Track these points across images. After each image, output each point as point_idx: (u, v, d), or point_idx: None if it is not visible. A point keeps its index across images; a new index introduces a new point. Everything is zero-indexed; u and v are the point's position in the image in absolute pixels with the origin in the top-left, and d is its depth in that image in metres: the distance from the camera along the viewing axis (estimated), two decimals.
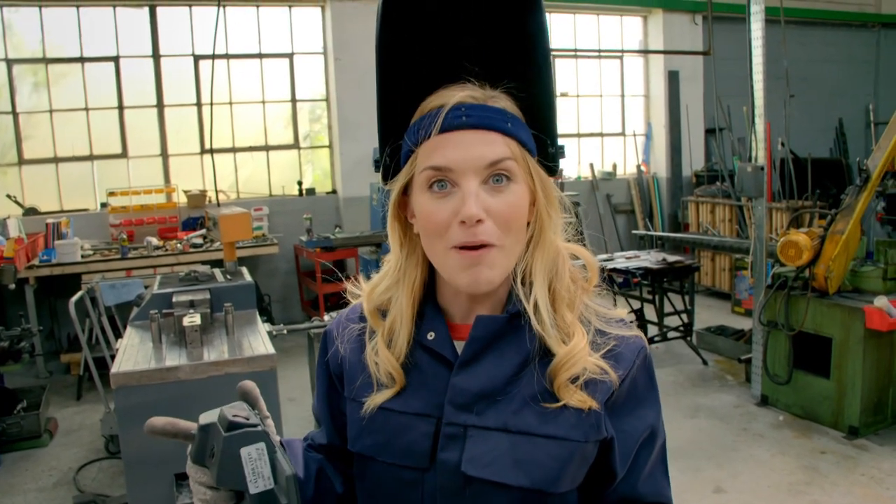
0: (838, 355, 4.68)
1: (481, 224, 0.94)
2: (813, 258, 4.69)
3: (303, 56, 8.27)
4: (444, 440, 1.00)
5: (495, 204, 0.96)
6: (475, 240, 0.94)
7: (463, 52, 1.02)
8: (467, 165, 0.95)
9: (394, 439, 1.02)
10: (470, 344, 1.02)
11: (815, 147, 9.07)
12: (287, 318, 7.81)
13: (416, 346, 1.05)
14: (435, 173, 0.97)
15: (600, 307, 1.07)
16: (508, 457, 0.96)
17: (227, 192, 8.03)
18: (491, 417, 0.98)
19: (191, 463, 0.93)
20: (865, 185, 4.67)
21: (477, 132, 0.96)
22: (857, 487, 3.99)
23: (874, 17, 11.32)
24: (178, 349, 3.28)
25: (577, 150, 9.88)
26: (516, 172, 0.97)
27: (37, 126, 7.41)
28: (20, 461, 4.71)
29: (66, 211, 7.43)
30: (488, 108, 0.97)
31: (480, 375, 1.00)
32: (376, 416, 1.04)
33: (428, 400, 1.02)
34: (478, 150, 0.95)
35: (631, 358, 1.03)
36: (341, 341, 1.14)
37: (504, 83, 1.01)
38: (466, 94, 0.98)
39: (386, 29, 1.03)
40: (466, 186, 0.95)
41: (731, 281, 8.05)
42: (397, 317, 1.06)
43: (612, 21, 9.81)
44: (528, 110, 1.03)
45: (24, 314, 5.85)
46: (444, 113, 0.97)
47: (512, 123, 0.98)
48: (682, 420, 5.03)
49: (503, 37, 1.03)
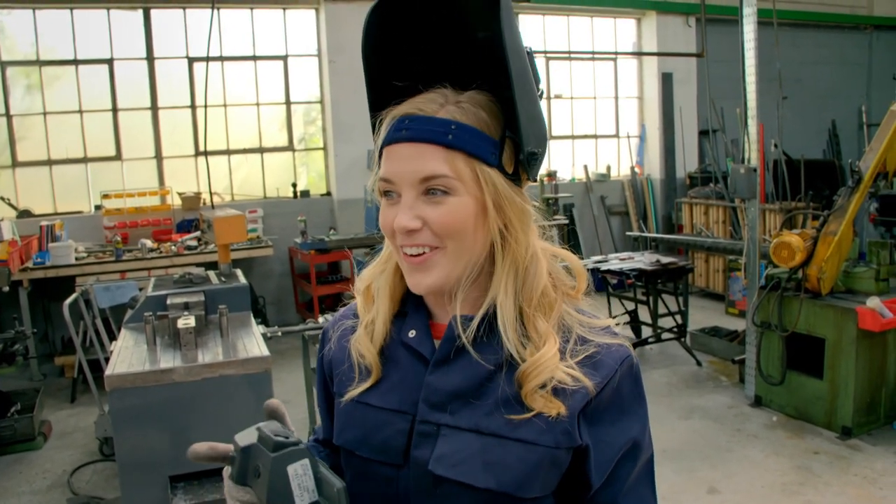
0: (831, 356, 4.70)
1: (416, 232, 0.98)
2: (806, 259, 4.71)
3: (297, 58, 8.27)
4: (418, 438, 1.01)
5: (432, 214, 0.98)
6: (412, 244, 0.99)
7: (436, 58, 1.04)
8: (403, 179, 0.99)
9: (371, 434, 1.04)
10: (444, 343, 1.03)
11: (807, 149, 9.12)
12: (282, 320, 7.80)
13: (398, 343, 1.07)
14: (383, 184, 1.01)
15: (585, 315, 1.06)
16: (478, 458, 0.97)
17: (222, 195, 8.03)
18: (464, 418, 0.99)
19: (233, 483, 0.96)
20: (858, 186, 4.69)
21: (414, 145, 0.98)
22: (850, 487, 4.01)
23: (866, 19, 11.36)
24: (172, 351, 3.28)
25: (572, 152, 9.90)
26: (454, 186, 0.97)
27: (30, 128, 7.40)
28: (14, 464, 4.70)
29: (60, 213, 7.42)
30: (431, 121, 0.98)
31: (455, 375, 1.01)
32: (355, 411, 1.06)
33: (404, 397, 1.03)
34: (413, 164, 0.97)
35: (612, 366, 1.02)
36: (334, 339, 1.17)
37: (474, 85, 1.03)
38: (412, 106, 1.00)
39: (368, 38, 1.04)
40: (404, 198, 0.99)
41: (725, 282, 8.07)
42: (378, 306, 1.09)
43: (606, 23, 9.84)
44: (507, 113, 1.02)
45: (18, 317, 5.83)
46: (386, 127, 1.01)
47: (455, 135, 0.97)
48: (676, 421, 5.04)
49: (468, 41, 1.03)
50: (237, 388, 3.13)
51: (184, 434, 3.07)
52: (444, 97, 1.01)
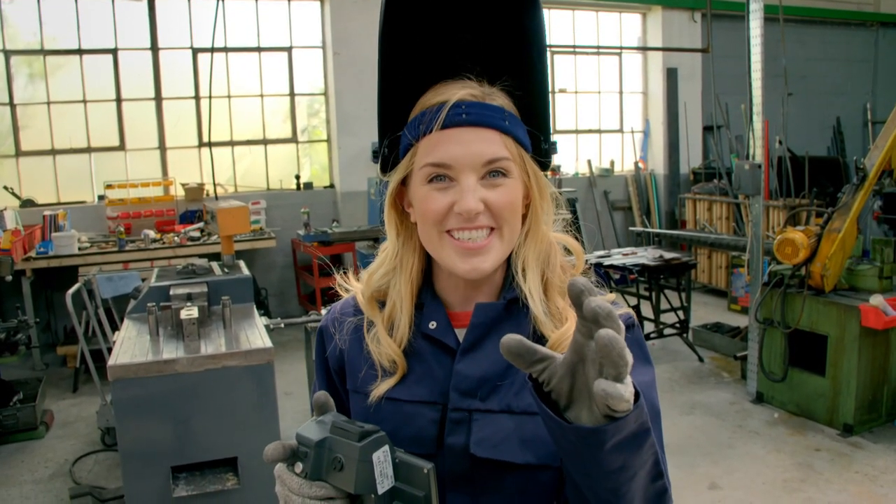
0: (834, 353, 4.69)
1: (478, 216, 1.00)
2: (809, 256, 4.70)
3: (301, 50, 8.25)
4: (451, 425, 1.03)
5: (492, 197, 1.00)
6: (473, 225, 1.00)
7: (462, 48, 1.04)
8: (466, 162, 0.99)
9: (401, 428, 1.05)
10: (471, 331, 1.06)
11: (812, 145, 9.09)
12: (284, 311, 7.80)
13: (417, 336, 1.09)
14: (434, 169, 1.01)
15: None
16: (515, 437, 1.00)
17: (225, 186, 8.03)
18: (494, 401, 1.02)
19: (304, 480, 0.93)
20: (862, 183, 4.68)
21: (476, 129, 0.99)
22: (851, 485, 4.01)
23: (873, 16, 11.32)
24: (175, 342, 3.28)
25: (575, 147, 9.88)
26: (512, 169, 1.01)
27: (34, 117, 7.39)
28: (16, 453, 4.71)
29: (64, 203, 7.42)
30: (487, 106, 1.00)
31: (482, 361, 1.04)
32: (383, 407, 1.07)
33: (432, 388, 1.06)
34: (476, 147, 0.99)
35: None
36: (339, 335, 1.16)
37: (501, 80, 1.04)
38: (467, 91, 1.01)
39: (389, 23, 1.04)
40: (465, 182, 0.99)
41: (728, 278, 8.07)
42: (397, 304, 1.10)
43: (611, 18, 9.81)
44: (523, 107, 1.05)
45: (21, 306, 5.84)
46: (446, 110, 0.99)
47: (509, 121, 1.01)
48: (677, 417, 5.04)
49: (501, 34, 1.04)
50: (239, 379, 3.13)
51: (186, 425, 3.08)
52: (481, 88, 1.03)
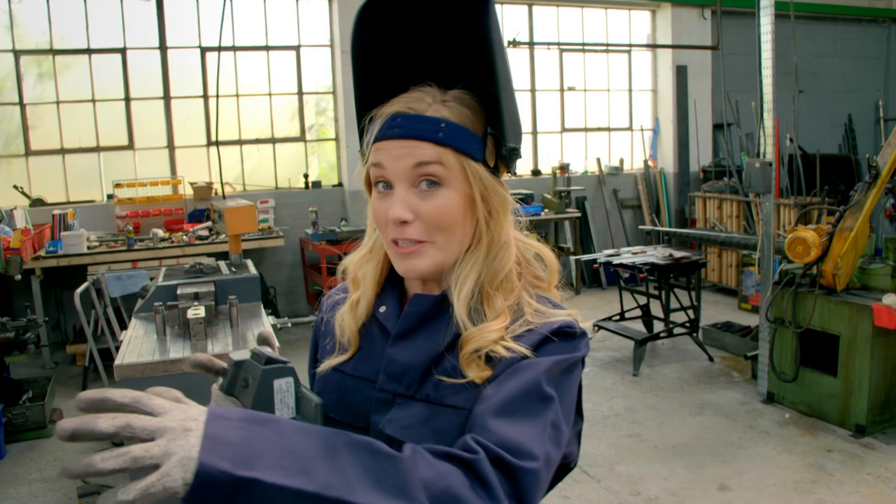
0: (846, 353, 4.65)
1: (408, 224, 1.04)
2: (821, 255, 4.66)
3: (309, 48, 8.24)
4: (376, 405, 1.09)
5: (424, 207, 1.04)
6: (403, 237, 1.05)
7: (422, 56, 1.08)
8: (396, 172, 1.04)
9: (343, 399, 1.13)
10: (404, 319, 1.11)
11: (823, 143, 9.03)
12: (292, 310, 7.81)
13: (372, 318, 1.16)
14: (377, 172, 1.07)
15: (544, 305, 1.09)
16: (426, 425, 1.03)
17: (233, 185, 8.04)
18: (417, 389, 1.06)
19: (222, 394, 1.03)
20: (875, 181, 4.63)
21: (406, 142, 1.03)
22: (863, 486, 3.97)
23: (885, 12, 11.22)
24: (182, 341, 3.28)
25: (584, 145, 9.84)
26: (446, 178, 1.03)
27: (43, 117, 7.41)
28: (25, 451, 4.73)
29: (73, 202, 7.44)
30: (421, 119, 1.03)
31: (412, 349, 1.09)
32: (332, 376, 1.16)
33: (372, 367, 1.12)
34: (405, 159, 1.03)
35: (543, 332, 1.03)
36: (326, 309, 1.28)
37: (457, 86, 1.08)
38: (404, 104, 1.05)
39: (358, 33, 1.09)
40: (396, 190, 1.05)
41: (738, 277, 8.02)
42: (363, 288, 1.18)
43: (621, 15, 9.76)
44: (487, 110, 1.07)
45: (31, 305, 5.86)
46: (379, 124, 1.06)
47: (445, 133, 1.03)
48: (687, 417, 5.01)
49: (453, 40, 1.06)
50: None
51: None
52: (432, 96, 1.06)
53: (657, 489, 4.01)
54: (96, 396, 0.73)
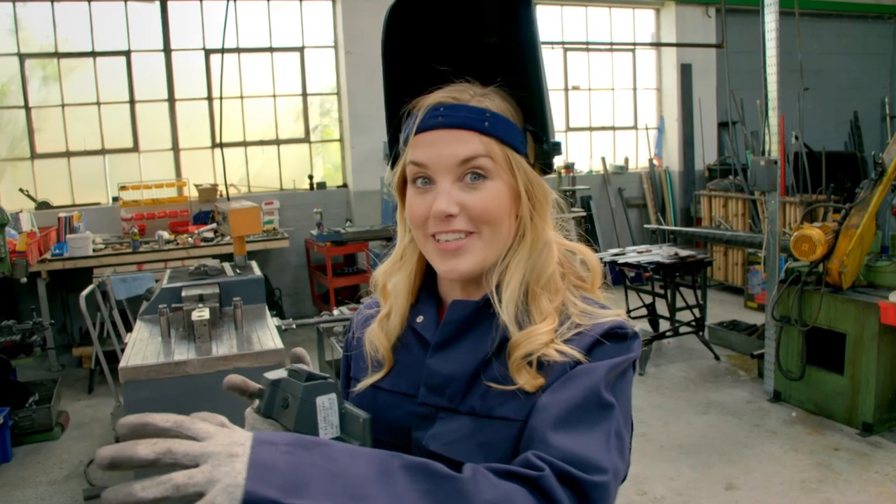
0: (852, 351, 4.63)
1: (453, 219, 0.99)
2: (827, 253, 4.64)
3: (313, 50, 8.25)
4: (417, 420, 1.04)
5: (470, 199, 0.99)
6: (448, 230, 1.00)
7: (460, 51, 1.06)
8: (440, 163, 1.00)
9: (381, 416, 1.06)
10: (444, 327, 1.06)
11: (829, 140, 8.98)
12: (298, 312, 7.82)
13: (409, 329, 1.11)
14: (417, 170, 1.02)
15: (591, 305, 1.05)
16: (472, 439, 0.98)
17: (238, 186, 8.05)
18: (460, 401, 1.01)
19: (259, 417, 0.96)
20: (881, 178, 4.61)
21: (450, 131, 0.99)
22: (870, 485, 3.94)
23: (890, 8, 11.17)
24: (186, 343, 3.28)
25: (589, 144, 9.83)
26: (492, 170, 1.00)
27: (48, 120, 7.44)
28: (32, 454, 4.74)
29: (78, 205, 7.46)
30: (465, 108, 1.00)
31: (454, 359, 1.03)
32: (367, 393, 1.10)
33: (412, 380, 1.06)
34: (450, 148, 0.99)
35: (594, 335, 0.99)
36: (357, 327, 1.21)
37: (497, 81, 1.04)
38: (447, 94, 1.02)
39: (391, 29, 1.07)
40: (440, 183, 1.00)
41: (744, 275, 7.99)
42: (394, 299, 1.12)
43: (625, 14, 9.75)
44: (525, 107, 1.05)
45: (37, 308, 5.88)
46: (422, 114, 1.02)
47: (490, 122, 1.00)
48: (693, 416, 4.99)
49: (494, 35, 1.05)
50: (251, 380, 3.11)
51: None
52: (472, 89, 1.03)
53: (663, 489, 4.00)
54: (136, 422, 0.70)
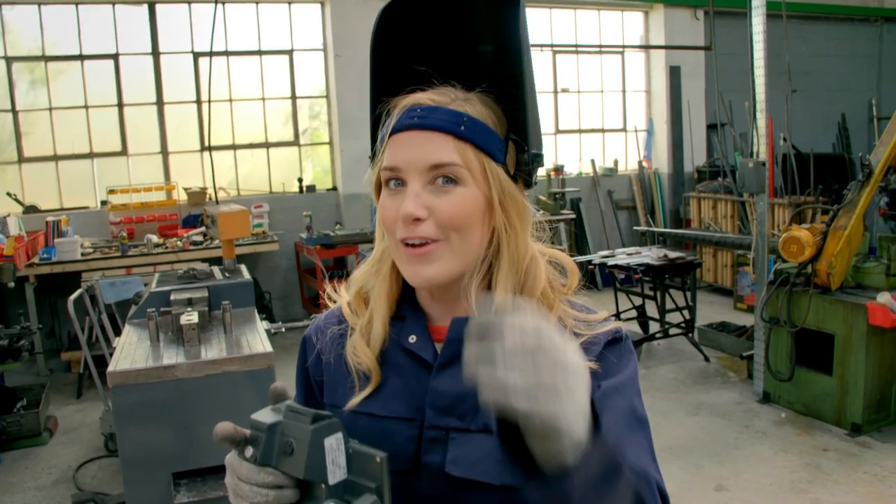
0: (841, 352, 4.65)
1: (421, 222, 0.96)
2: (815, 254, 4.67)
3: (302, 53, 8.24)
4: (427, 443, 1.00)
5: (439, 204, 0.97)
6: (414, 235, 0.97)
7: (448, 55, 1.04)
8: (411, 165, 0.97)
9: (378, 444, 0.99)
10: (447, 346, 1.02)
11: (817, 142, 9.03)
12: (288, 315, 7.80)
13: (398, 349, 1.06)
14: (388, 172, 1.00)
15: (580, 310, 1.06)
16: (493, 457, 0.95)
17: (228, 190, 8.02)
18: (472, 419, 0.98)
19: (254, 466, 0.87)
20: (868, 180, 4.64)
21: (424, 133, 0.97)
22: (859, 485, 3.97)
23: (877, 11, 11.26)
24: (175, 347, 3.26)
25: (579, 146, 9.85)
26: (464, 176, 0.97)
27: (36, 123, 7.39)
28: (20, 459, 4.70)
29: (67, 209, 7.42)
30: (443, 111, 0.98)
31: (460, 378, 0.96)
32: (359, 421, 1.03)
33: (410, 403, 1.02)
34: (422, 151, 0.97)
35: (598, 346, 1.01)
36: (322, 346, 1.13)
37: (481, 87, 1.02)
38: (426, 96, 1.00)
39: (380, 30, 1.05)
40: (410, 185, 0.97)
41: (733, 277, 8.02)
42: (374, 303, 1.07)
43: (613, 16, 9.78)
44: (511, 116, 1.03)
45: (24, 312, 5.83)
46: (397, 114, 1.00)
47: (467, 127, 0.97)
48: (683, 417, 5.01)
49: (483, 41, 1.04)
50: (240, 384, 3.11)
51: (187, 431, 3.06)
52: (454, 93, 1.01)
53: None
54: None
